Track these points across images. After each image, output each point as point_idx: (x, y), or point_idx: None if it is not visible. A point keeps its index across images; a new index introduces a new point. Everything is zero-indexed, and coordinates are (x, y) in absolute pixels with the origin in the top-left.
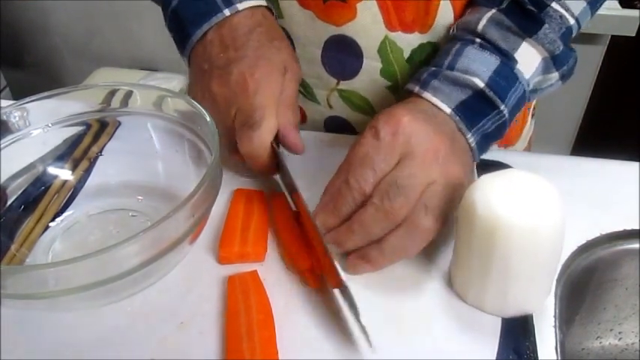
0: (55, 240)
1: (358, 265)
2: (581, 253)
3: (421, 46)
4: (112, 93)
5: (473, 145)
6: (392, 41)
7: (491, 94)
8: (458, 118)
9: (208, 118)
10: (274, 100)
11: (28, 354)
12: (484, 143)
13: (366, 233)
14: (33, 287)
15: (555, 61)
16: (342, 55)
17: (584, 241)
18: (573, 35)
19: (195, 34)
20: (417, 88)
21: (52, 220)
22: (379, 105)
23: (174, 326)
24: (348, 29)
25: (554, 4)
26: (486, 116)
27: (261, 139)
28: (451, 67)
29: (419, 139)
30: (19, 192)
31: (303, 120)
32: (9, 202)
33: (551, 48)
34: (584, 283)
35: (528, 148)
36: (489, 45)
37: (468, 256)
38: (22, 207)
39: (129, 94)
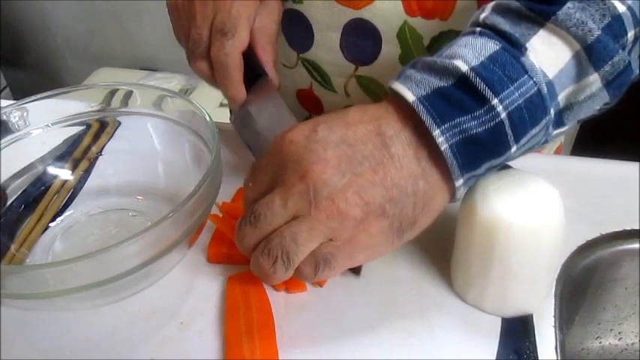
0: (55, 240)
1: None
2: (581, 253)
3: (442, 34)
4: (112, 93)
5: (443, 147)
6: (411, 27)
7: (477, 80)
8: (422, 107)
9: (208, 118)
10: (248, 15)
11: (28, 354)
12: (470, 153)
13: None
14: (33, 287)
15: (591, 53)
16: (361, 40)
17: (584, 241)
18: (629, 31)
19: None
20: (390, 81)
21: (52, 220)
22: None
23: (174, 326)
24: (367, 12)
25: None
26: (470, 112)
27: (232, 48)
28: (437, 56)
29: (291, 163)
30: (19, 192)
31: (319, 111)
32: (9, 202)
33: (579, 33)
34: (584, 283)
35: (558, 152)
36: (489, 31)
37: (468, 256)
38: (22, 207)
39: (129, 94)
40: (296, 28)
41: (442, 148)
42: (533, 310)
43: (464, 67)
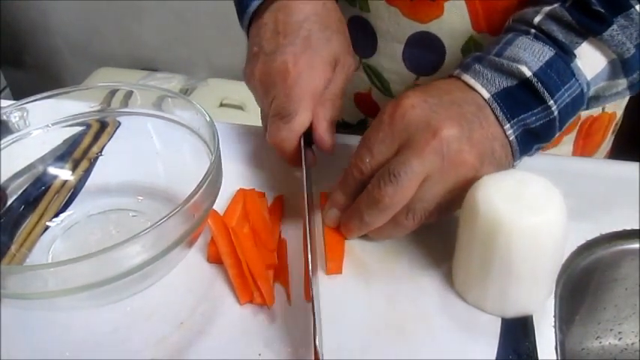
0: (55, 240)
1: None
2: (581, 253)
3: None
4: (112, 93)
5: (512, 138)
6: (477, 42)
7: (539, 85)
8: (496, 104)
9: (208, 118)
10: (313, 93)
11: (28, 354)
12: (527, 140)
13: (360, 219)
14: (33, 287)
15: (625, 65)
16: (424, 52)
17: (584, 241)
18: None
19: (251, 4)
20: (457, 71)
21: (52, 220)
22: None
23: (174, 326)
24: (434, 27)
25: (638, 7)
26: (531, 110)
27: (289, 133)
28: (498, 55)
29: (420, 124)
30: (19, 192)
31: (376, 115)
32: (9, 202)
33: (619, 50)
34: (584, 283)
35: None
36: (544, 36)
37: (469, 255)
38: (22, 207)
39: (129, 95)
40: (361, 35)
41: (510, 139)
42: (534, 310)
43: (527, 73)
